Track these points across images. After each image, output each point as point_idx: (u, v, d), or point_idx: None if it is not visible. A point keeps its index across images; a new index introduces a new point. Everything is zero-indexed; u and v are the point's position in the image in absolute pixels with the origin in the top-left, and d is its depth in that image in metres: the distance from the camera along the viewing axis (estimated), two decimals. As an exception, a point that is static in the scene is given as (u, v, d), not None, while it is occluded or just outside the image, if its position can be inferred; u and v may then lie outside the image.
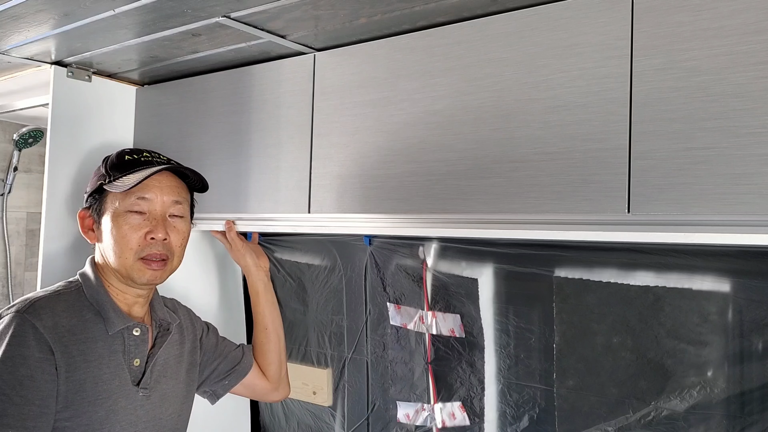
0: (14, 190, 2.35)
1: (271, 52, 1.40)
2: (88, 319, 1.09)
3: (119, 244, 1.12)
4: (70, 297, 1.11)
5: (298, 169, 1.35)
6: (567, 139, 1.02)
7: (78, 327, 1.07)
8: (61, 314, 1.06)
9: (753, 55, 0.87)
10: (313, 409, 1.83)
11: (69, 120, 1.56)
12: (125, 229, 1.12)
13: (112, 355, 1.10)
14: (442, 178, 1.14)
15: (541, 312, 1.44)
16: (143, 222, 1.14)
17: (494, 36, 1.10)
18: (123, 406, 1.10)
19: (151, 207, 1.15)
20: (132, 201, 1.13)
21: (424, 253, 1.61)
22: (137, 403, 1.13)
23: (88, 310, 1.11)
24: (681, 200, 0.92)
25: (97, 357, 1.07)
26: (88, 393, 1.05)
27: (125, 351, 1.13)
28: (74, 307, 1.09)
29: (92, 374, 1.06)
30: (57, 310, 1.06)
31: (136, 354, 1.15)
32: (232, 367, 1.44)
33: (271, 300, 1.57)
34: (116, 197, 1.14)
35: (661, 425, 1.28)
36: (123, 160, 1.17)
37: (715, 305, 1.25)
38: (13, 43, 1.37)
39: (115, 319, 1.12)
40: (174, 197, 1.18)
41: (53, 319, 1.04)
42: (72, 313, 1.08)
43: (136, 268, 1.13)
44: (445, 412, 1.58)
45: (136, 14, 1.18)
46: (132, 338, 1.14)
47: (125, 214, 1.13)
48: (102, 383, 1.07)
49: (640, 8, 0.97)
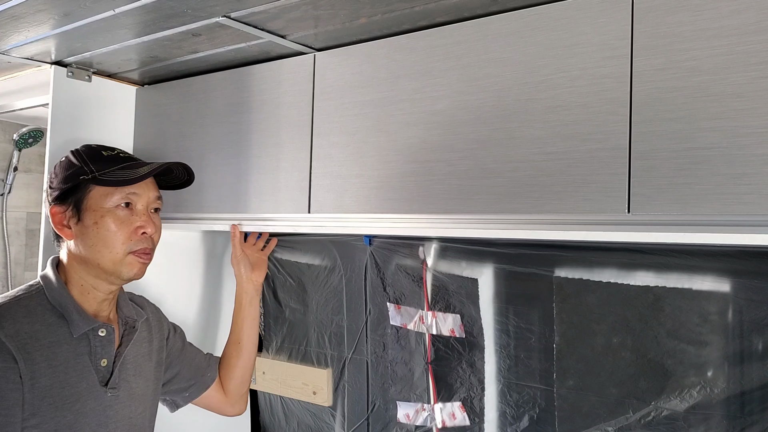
0: (14, 190, 2.34)
1: (271, 52, 1.40)
2: (51, 322, 1.08)
3: (109, 239, 1.11)
4: (31, 301, 1.09)
5: (298, 169, 1.35)
6: (567, 139, 1.02)
7: (41, 332, 1.05)
8: (23, 320, 1.04)
9: (753, 55, 0.87)
10: (313, 409, 1.83)
11: (69, 120, 1.56)
12: (117, 224, 1.12)
13: (78, 357, 1.09)
14: (442, 178, 1.14)
15: (541, 312, 1.44)
16: (132, 217, 1.14)
17: (494, 36, 1.10)
18: (92, 408, 1.09)
19: (139, 202, 1.15)
20: (123, 196, 1.13)
21: (424, 253, 1.61)
22: (106, 403, 1.12)
23: (50, 313, 1.09)
24: (681, 200, 0.92)
25: (62, 361, 1.06)
26: (54, 398, 1.03)
27: (92, 352, 1.11)
28: (36, 311, 1.07)
29: (58, 379, 1.04)
30: (18, 316, 1.05)
31: (103, 354, 1.13)
32: (195, 377, 1.42)
33: (253, 315, 1.52)
34: (104, 192, 1.12)
35: (661, 425, 1.28)
36: (101, 155, 1.16)
37: (715, 305, 1.25)
38: (13, 43, 1.37)
39: (80, 322, 1.10)
40: (156, 192, 1.20)
41: (14, 326, 1.02)
42: (34, 318, 1.06)
43: (127, 262, 1.13)
44: (445, 412, 1.58)
45: (136, 14, 1.18)
46: (98, 339, 1.12)
47: (115, 209, 1.12)
48: (69, 387, 1.06)
49: (640, 8, 0.97)
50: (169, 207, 1.52)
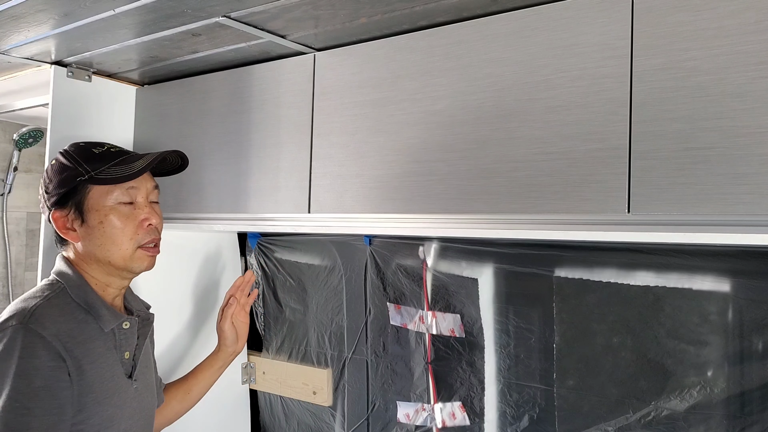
0: (14, 190, 2.34)
1: (271, 52, 1.40)
2: (81, 319, 1.09)
3: (117, 237, 1.12)
4: (60, 300, 1.09)
5: (298, 169, 1.35)
6: (567, 139, 1.02)
7: (75, 330, 1.06)
8: (59, 319, 1.05)
9: (753, 55, 0.87)
10: (313, 409, 1.83)
11: (69, 120, 1.56)
12: (122, 221, 1.13)
13: (108, 352, 1.11)
14: (442, 178, 1.14)
15: (541, 312, 1.44)
16: (135, 211, 1.15)
17: (494, 36, 1.10)
18: (124, 400, 1.12)
19: (138, 195, 1.16)
20: (122, 192, 1.13)
21: (424, 253, 1.61)
22: (132, 395, 1.14)
23: (78, 311, 1.10)
24: (681, 200, 0.92)
25: (98, 356, 1.08)
26: (96, 393, 1.05)
27: (117, 346, 1.13)
28: (66, 310, 1.08)
29: (98, 374, 1.07)
30: (54, 315, 1.05)
31: (126, 347, 1.15)
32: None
33: (215, 379, 1.49)
34: (104, 190, 1.13)
35: (661, 425, 1.29)
36: (94, 153, 1.15)
37: (715, 305, 1.25)
38: (13, 43, 1.37)
39: (109, 317, 1.12)
40: (153, 183, 1.21)
41: (55, 326, 1.03)
42: (67, 317, 1.07)
43: (137, 257, 1.14)
44: (445, 412, 1.58)
45: (136, 14, 1.18)
46: (122, 332, 1.14)
47: (117, 205, 1.13)
48: (106, 381, 1.08)
49: (640, 8, 0.97)
50: (169, 207, 1.52)
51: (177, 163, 1.26)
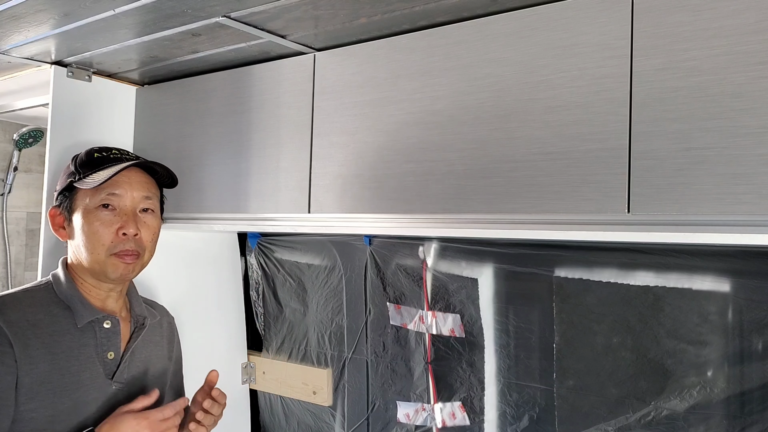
0: (14, 190, 2.34)
1: (271, 52, 1.40)
2: (56, 313, 1.11)
3: (91, 241, 1.13)
4: (38, 293, 1.13)
5: (298, 169, 1.35)
6: (567, 139, 1.02)
7: (44, 321, 1.09)
8: (26, 309, 1.09)
9: (753, 55, 0.87)
10: (313, 409, 1.83)
11: (69, 120, 1.56)
12: (96, 226, 1.13)
13: (82, 348, 1.11)
14: (442, 178, 1.14)
15: (541, 312, 1.44)
16: (114, 218, 1.14)
17: (494, 36, 1.10)
18: (94, 398, 1.11)
19: (121, 203, 1.15)
20: (102, 197, 1.14)
21: (424, 253, 1.61)
22: (110, 395, 1.13)
23: (57, 305, 1.12)
24: (681, 200, 0.92)
25: (64, 349, 1.09)
26: (53, 384, 1.06)
27: (97, 344, 1.13)
28: (42, 302, 1.12)
29: (58, 366, 1.07)
30: (22, 305, 1.09)
31: (109, 347, 1.15)
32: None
33: None
34: (87, 194, 1.14)
35: (661, 425, 1.29)
36: (92, 157, 1.18)
37: (715, 305, 1.25)
38: (13, 43, 1.37)
39: (83, 312, 1.13)
40: (143, 192, 1.18)
41: (16, 314, 1.07)
42: (39, 309, 1.10)
43: (110, 263, 1.14)
44: (445, 412, 1.58)
45: (136, 14, 1.18)
46: (103, 331, 1.15)
47: (96, 210, 1.14)
48: (69, 375, 1.08)
49: (640, 8, 0.97)
50: (170, 207, 1.51)
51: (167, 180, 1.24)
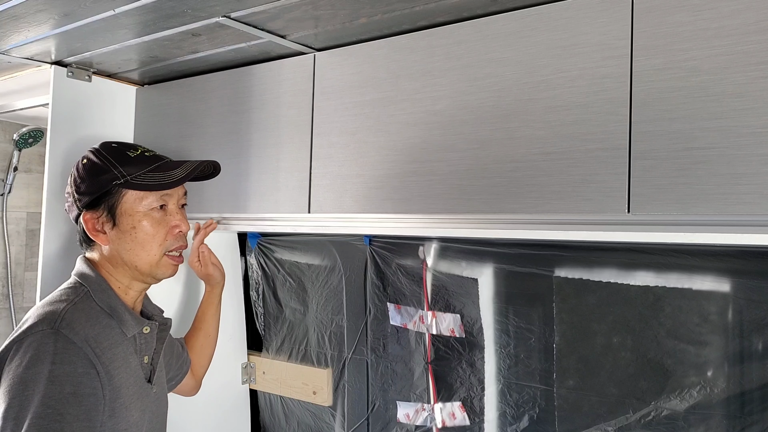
0: (14, 190, 2.35)
1: (271, 52, 1.40)
2: (105, 324, 1.07)
3: (147, 242, 1.12)
4: (85, 305, 1.07)
5: (298, 169, 1.35)
6: (567, 139, 1.02)
7: (101, 335, 1.05)
8: (85, 324, 1.04)
9: (753, 55, 0.87)
10: (313, 409, 1.83)
11: (69, 120, 1.56)
12: (154, 227, 1.13)
13: (130, 356, 1.10)
14: (442, 178, 1.14)
15: (541, 312, 1.44)
16: (166, 216, 1.15)
17: (494, 36, 1.10)
18: (147, 405, 1.12)
19: (171, 201, 1.16)
20: (156, 198, 1.14)
21: (424, 253, 1.61)
22: (152, 399, 1.14)
23: (102, 315, 1.08)
24: (681, 200, 0.92)
25: (122, 362, 1.07)
26: (124, 398, 1.05)
27: (137, 350, 1.13)
28: (91, 315, 1.07)
29: (124, 379, 1.06)
30: (81, 320, 1.04)
31: (146, 351, 1.15)
32: (178, 364, 1.43)
33: (220, 311, 1.59)
34: (138, 195, 1.12)
35: (661, 425, 1.28)
36: (128, 156, 1.15)
37: (715, 305, 1.25)
38: (13, 43, 1.37)
39: (132, 322, 1.11)
40: (184, 189, 1.22)
41: (84, 331, 1.02)
42: (92, 322, 1.05)
43: (163, 263, 1.15)
44: (445, 412, 1.58)
45: (136, 14, 1.18)
46: (143, 337, 1.14)
47: (151, 211, 1.13)
48: (130, 386, 1.07)
49: (640, 8, 0.97)
50: (169, 207, 1.52)
51: (209, 171, 1.26)
